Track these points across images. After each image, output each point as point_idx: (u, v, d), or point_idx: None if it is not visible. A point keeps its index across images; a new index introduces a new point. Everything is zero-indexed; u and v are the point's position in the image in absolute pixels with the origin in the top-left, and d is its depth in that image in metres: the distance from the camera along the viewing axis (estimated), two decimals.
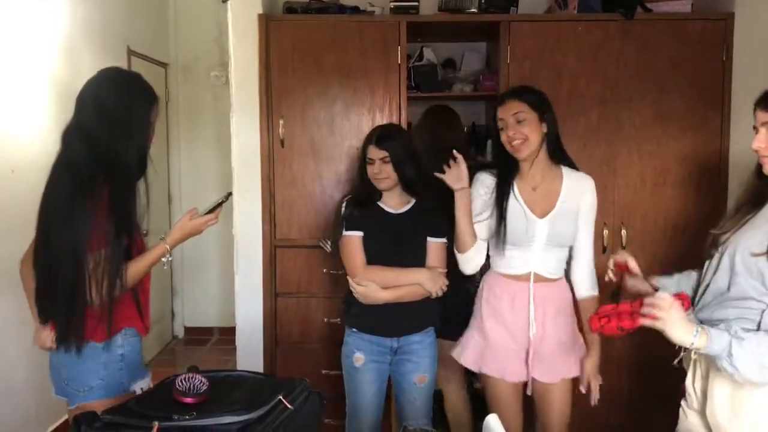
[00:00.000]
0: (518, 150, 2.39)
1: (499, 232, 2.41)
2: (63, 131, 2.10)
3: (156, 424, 1.60)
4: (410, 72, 3.47)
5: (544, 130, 2.41)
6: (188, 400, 1.73)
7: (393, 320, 2.60)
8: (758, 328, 1.76)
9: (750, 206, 1.88)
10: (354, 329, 2.66)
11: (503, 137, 2.42)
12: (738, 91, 3.20)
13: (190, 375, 1.78)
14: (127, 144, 2.09)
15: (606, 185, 3.23)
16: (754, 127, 1.84)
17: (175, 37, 5.49)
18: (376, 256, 2.60)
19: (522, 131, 2.37)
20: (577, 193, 2.45)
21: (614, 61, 3.24)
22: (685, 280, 2.12)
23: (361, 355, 2.62)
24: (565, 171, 2.48)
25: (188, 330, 5.75)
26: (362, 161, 2.64)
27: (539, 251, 2.42)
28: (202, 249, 5.56)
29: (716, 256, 1.93)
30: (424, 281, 2.56)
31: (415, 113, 3.54)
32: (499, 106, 2.44)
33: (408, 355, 2.63)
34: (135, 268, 2.09)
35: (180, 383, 1.75)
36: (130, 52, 4.66)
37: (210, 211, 2.26)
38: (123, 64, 4.52)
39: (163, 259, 2.16)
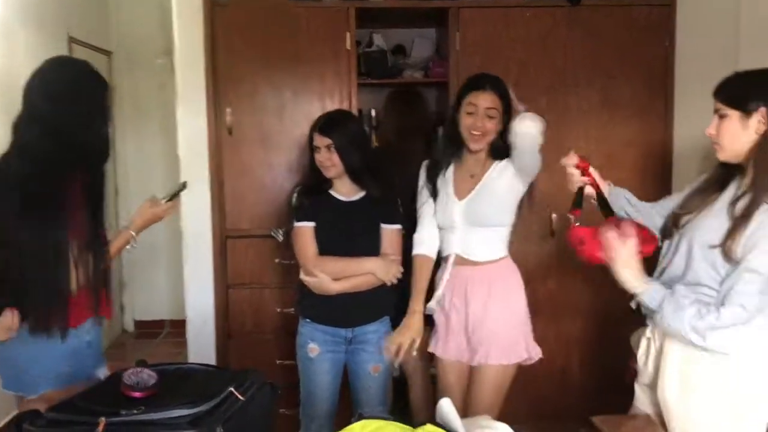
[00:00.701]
0: (476, 141, 2.41)
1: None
2: (13, 122, 2.09)
3: (103, 420, 1.56)
4: (360, 58, 3.44)
5: (500, 127, 2.44)
6: (136, 394, 1.69)
7: (347, 311, 2.59)
8: None
9: (713, 190, 1.92)
10: (308, 320, 2.64)
11: (467, 121, 2.42)
12: (681, 77, 3.27)
13: (139, 369, 1.75)
14: (89, 131, 2.11)
15: (554, 171, 3.26)
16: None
17: (118, 23, 5.34)
18: (329, 245, 2.57)
19: (487, 126, 2.40)
20: (496, 174, 2.47)
21: (561, 48, 3.27)
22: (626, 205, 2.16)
23: (315, 346, 2.60)
24: (504, 161, 2.50)
25: (138, 323, 5.63)
26: (309, 149, 2.62)
27: (460, 233, 2.47)
28: (150, 241, 5.39)
29: (675, 237, 1.97)
30: (375, 270, 2.55)
31: (366, 100, 3.52)
32: (475, 90, 2.43)
33: (363, 344, 2.62)
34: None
35: (128, 377, 1.72)
36: (71, 40, 4.51)
37: (169, 200, 2.33)
38: (64, 52, 4.37)
39: (128, 246, 2.27)
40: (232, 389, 1.74)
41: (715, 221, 1.83)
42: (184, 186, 2.42)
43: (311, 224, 2.58)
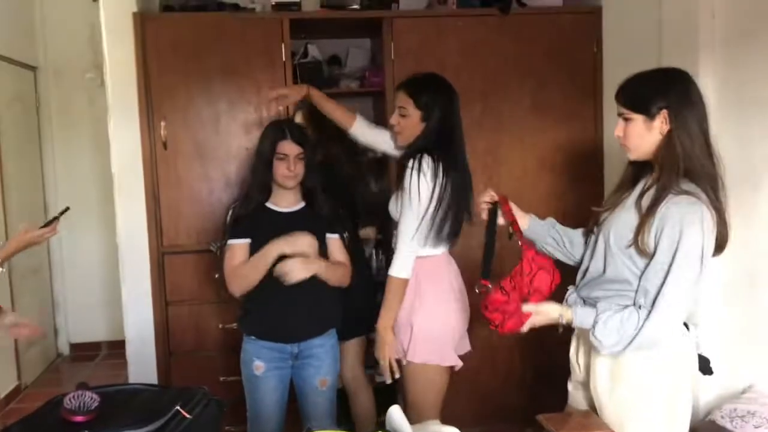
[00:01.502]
0: None
1: None
2: None
3: None
4: (296, 69, 3.44)
5: None
6: (78, 418, 1.65)
7: (292, 326, 2.54)
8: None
9: (627, 187, 1.99)
10: (252, 336, 2.57)
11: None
12: (609, 81, 3.38)
13: (80, 392, 1.70)
14: None
15: (491, 175, 3.34)
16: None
17: (44, 39, 5.17)
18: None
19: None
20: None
21: (494, 55, 3.35)
22: (550, 229, 2.20)
23: (261, 363, 2.54)
24: None
25: (74, 346, 5.45)
26: (262, 159, 2.52)
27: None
28: (84, 260, 5.29)
29: (593, 237, 2.04)
30: (282, 248, 2.43)
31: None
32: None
33: (309, 359, 2.58)
34: None
35: (69, 401, 1.67)
36: None
37: (46, 225, 2.40)
38: None
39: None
40: (178, 408, 1.71)
41: (627, 216, 1.90)
42: (64, 211, 2.47)
43: (246, 241, 2.51)
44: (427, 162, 2.36)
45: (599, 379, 1.96)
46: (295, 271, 2.42)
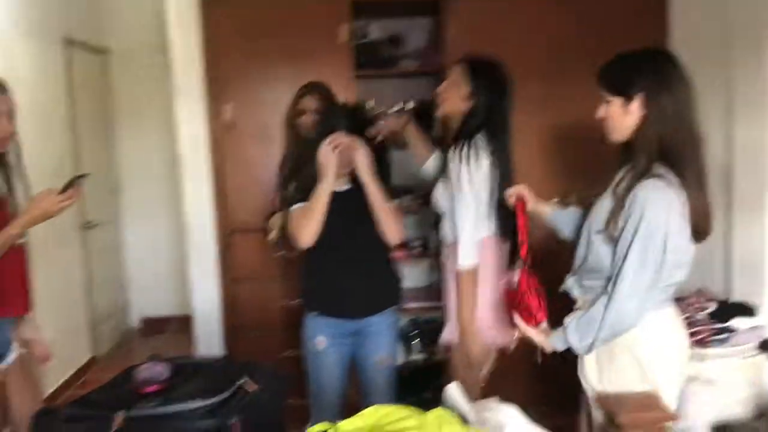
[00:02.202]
0: None
1: None
2: None
3: (120, 414, 1.59)
4: (356, 50, 3.46)
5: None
6: (150, 388, 1.73)
7: (352, 303, 2.58)
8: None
9: (614, 172, 1.96)
10: (314, 313, 2.63)
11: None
12: None
13: (151, 363, 1.78)
14: None
15: (551, 156, 3.30)
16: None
17: (113, 24, 5.34)
18: (326, 236, 2.47)
19: None
20: None
21: (555, 36, 3.29)
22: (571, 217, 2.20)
23: (322, 339, 2.60)
24: None
25: (144, 321, 5.67)
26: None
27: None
28: (153, 238, 5.48)
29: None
30: (330, 177, 2.40)
31: (364, 92, 3.53)
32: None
33: (368, 336, 2.62)
34: None
35: (141, 372, 1.75)
36: (68, 42, 4.53)
37: (63, 191, 2.09)
38: (61, 53, 4.40)
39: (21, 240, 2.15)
40: (244, 380, 1.77)
41: (605, 202, 1.90)
42: (81, 176, 2.17)
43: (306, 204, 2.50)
44: (472, 150, 2.39)
45: (588, 369, 2.00)
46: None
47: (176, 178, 3.53)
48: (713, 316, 2.70)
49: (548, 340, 1.99)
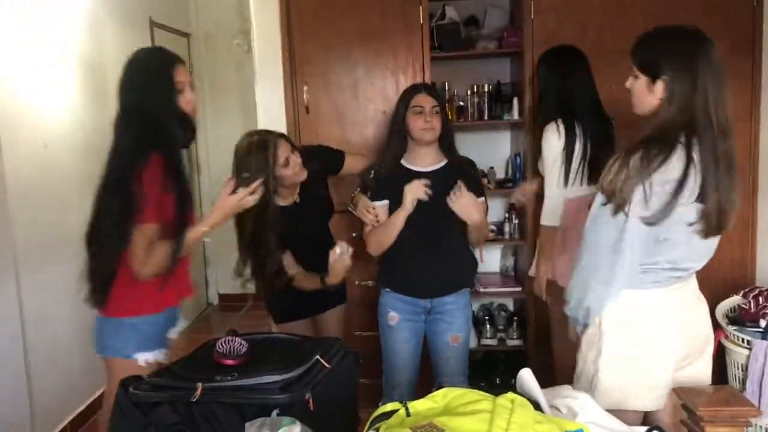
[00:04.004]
0: None
1: None
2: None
3: (200, 385, 1.65)
4: (433, 31, 3.43)
5: None
6: (229, 361, 1.78)
7: (426, 282, 2.61)
8: None
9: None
10: (388, 289, 2.68)
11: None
12: None
13: (230, 338, 1.82)
14: (162, 108, 2.12)
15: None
16: None
17: (196, 6, 5.49)
18: (408, 218, 2.53)
19: None
20: None
21: (640, 12, 3.17)
22: None
23: (395, 314, 2.65)
24: None
25: (222, 297, 5.85)
26: (399, 116, 2.59)
27: None
28: (232, 218, 5.61)
29: None
30: (408, 207, 2.51)
31: (439, 73, 3.51)
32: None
33: (442, 315, 2.65)
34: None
35: (220, 346, 1.80)
36: (153, 24, 4.68)
37: (246, 185, 2.25)
38: (146, 36, 4.55)
39: (205, 240, 2.23)
40: (318, 357, 1.80)
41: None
42: (245, 176, 2.31)
43: (385, 202, 2.61)
44: (553, 127, 2.73)
45: (581, 358, 1.98)
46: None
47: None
48: None
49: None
